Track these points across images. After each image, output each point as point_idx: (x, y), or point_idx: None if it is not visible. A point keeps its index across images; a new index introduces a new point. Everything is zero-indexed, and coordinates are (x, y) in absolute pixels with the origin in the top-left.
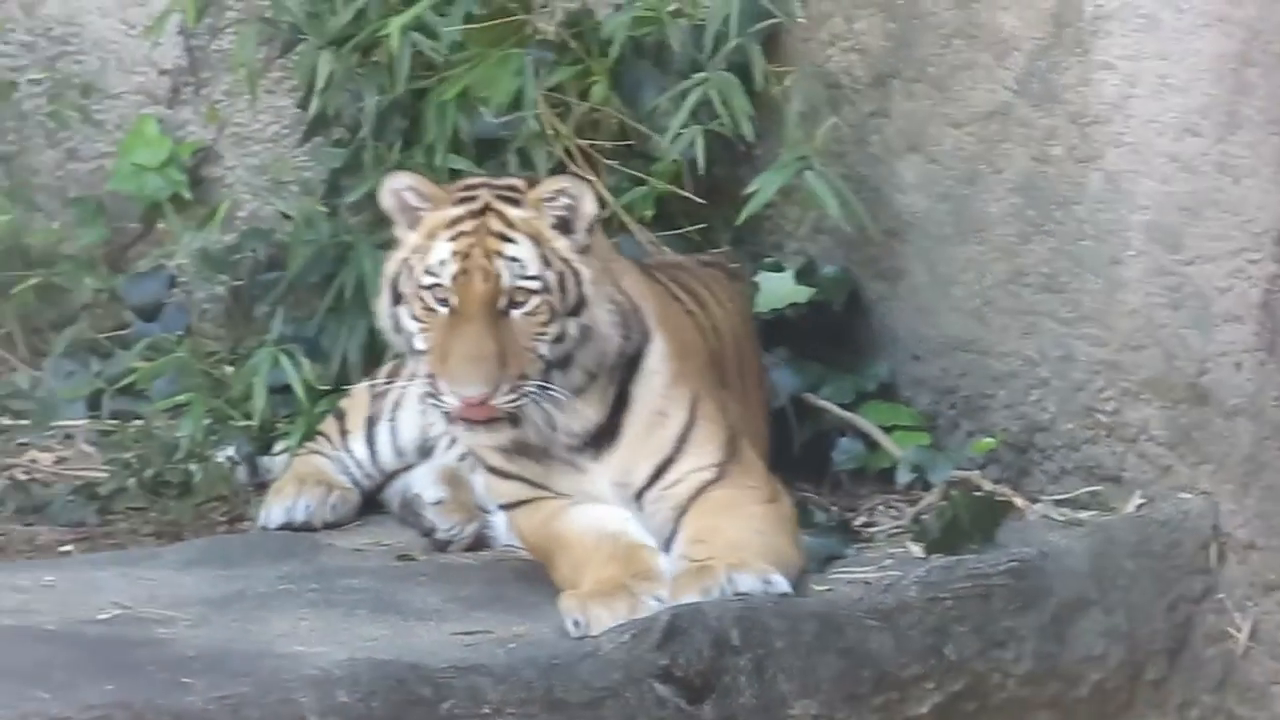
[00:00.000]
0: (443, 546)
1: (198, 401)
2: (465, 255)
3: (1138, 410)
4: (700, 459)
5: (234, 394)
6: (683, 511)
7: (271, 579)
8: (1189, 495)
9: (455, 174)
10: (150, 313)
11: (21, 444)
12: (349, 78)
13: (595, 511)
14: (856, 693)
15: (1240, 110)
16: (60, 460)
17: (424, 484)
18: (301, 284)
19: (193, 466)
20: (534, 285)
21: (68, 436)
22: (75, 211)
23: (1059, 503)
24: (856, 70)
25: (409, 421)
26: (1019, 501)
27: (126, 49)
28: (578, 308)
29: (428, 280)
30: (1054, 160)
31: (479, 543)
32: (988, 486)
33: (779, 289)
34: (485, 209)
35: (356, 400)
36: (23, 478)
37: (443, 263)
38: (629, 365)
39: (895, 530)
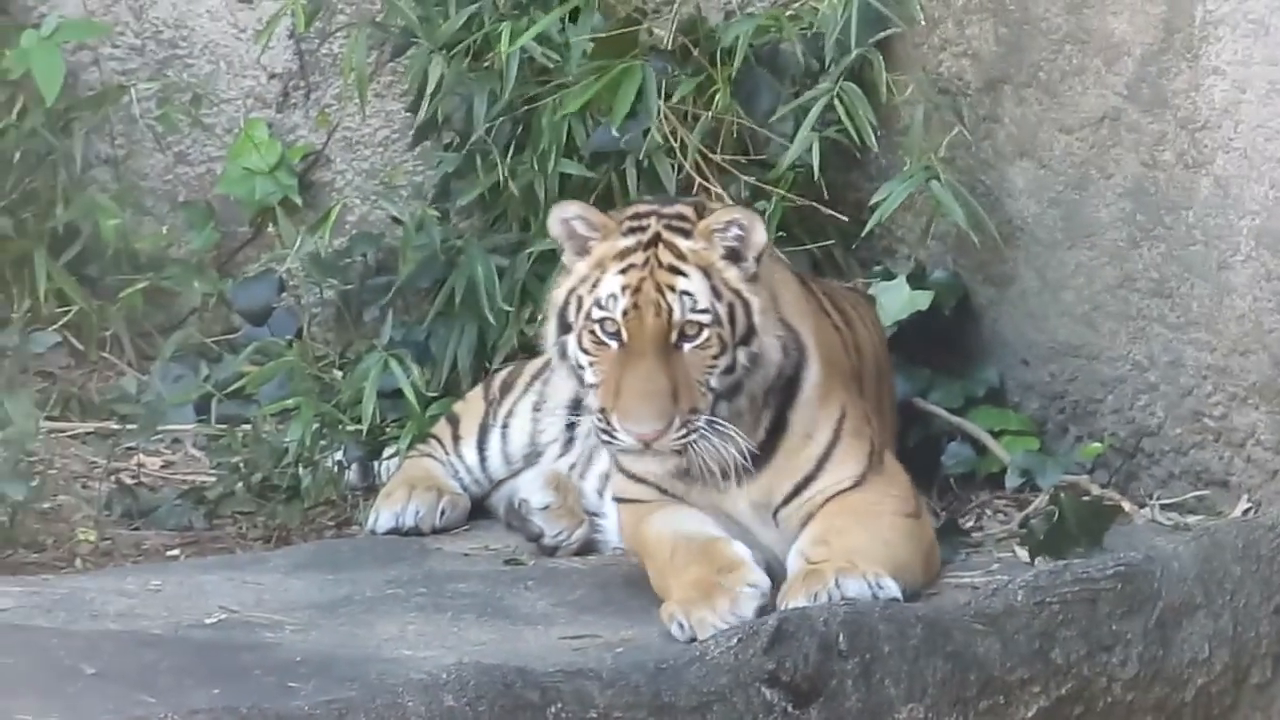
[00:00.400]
0: (550, 551)
1: (306, 406)
2: (636, 289)
3: (1245, 415)
4: (840, 474)
5: (343, 398)
6: (813, 515)
7: (379, 583)
8: None
9: (565, 179)
10: (259, 317)
11: (129, 448)
12: (459, 82)
13: (672, 514)
14: (963, 696)
15: None
16: (167, 465)
17: (531, 489)
18: (411, 288)
19: (301, 471)
20: (705, 319)
21: (175, 441)
22: (184, 215)
23: (1166, 507)
24: (967, 75)
25: (520, 428)
26: (1126, 506)
27: (236, 53)
28: (747, 337)
29: (598, 314)
30: (1163, 165)
31: (587, 547)
32: (1095, 491)
33: (898, 299)
34: (655, 240)
35: (471, 405)
36: (130, 482)
37: (613, 296)
38: (785, 389)
39: (1003, 535)
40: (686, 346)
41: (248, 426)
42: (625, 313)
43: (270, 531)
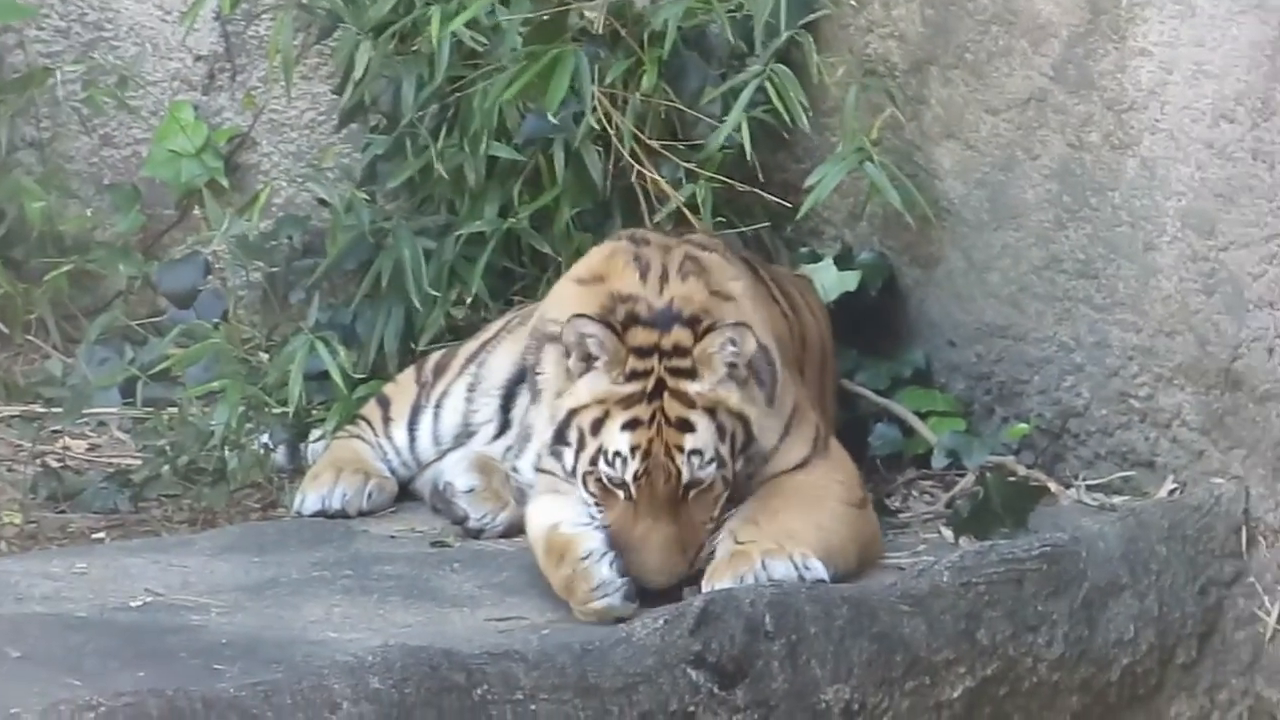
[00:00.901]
0: (475, 535)
1: (232, 388)
2: (646, 452)
3: (1171, 396)
4: (785, 459)
5: (269, 381)
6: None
7: (305, 565)
8: (1221, 480)
9: (493, 162)
10: (185, 299)
11: (54, 431)
12: (386, 66)
13: (537, 509)
14: (888, 677)
15: (1276, 97)
16: (93, 447)
17: (455, 472)
18: (338, 271)
19: (227, 453)
20: (711, 469)
21: (101, 424)
22: (110, 198)
23: (1092, 488)
24: (894, 57)
25: (453, 409)
26: (1053, 486)
27: (162, 35)
28: (746, 445)
29: (605, 469)
30: (1090, 147)
31: (513, 529)
32: (1022, 471)
33: (825, 281)
34: (660, 388)
35: (402, 388)
36: (55, 465)
37: (621, 458)
38: None
39: (930, 515)
40: (693, 492)
41: (174, 409)
42: (636, 477)
43: (196, 514)
